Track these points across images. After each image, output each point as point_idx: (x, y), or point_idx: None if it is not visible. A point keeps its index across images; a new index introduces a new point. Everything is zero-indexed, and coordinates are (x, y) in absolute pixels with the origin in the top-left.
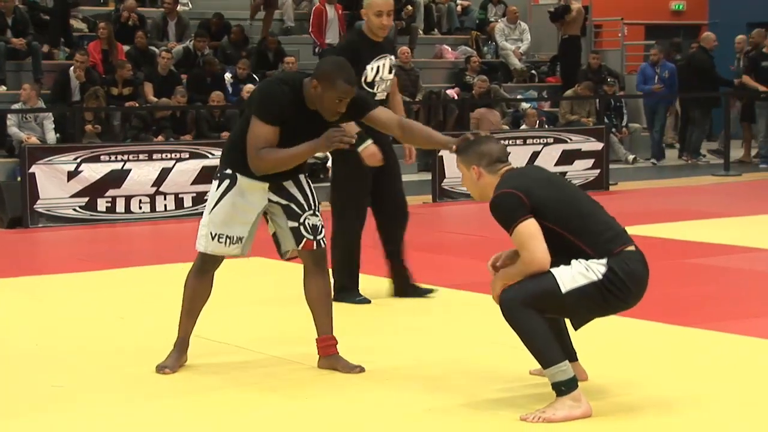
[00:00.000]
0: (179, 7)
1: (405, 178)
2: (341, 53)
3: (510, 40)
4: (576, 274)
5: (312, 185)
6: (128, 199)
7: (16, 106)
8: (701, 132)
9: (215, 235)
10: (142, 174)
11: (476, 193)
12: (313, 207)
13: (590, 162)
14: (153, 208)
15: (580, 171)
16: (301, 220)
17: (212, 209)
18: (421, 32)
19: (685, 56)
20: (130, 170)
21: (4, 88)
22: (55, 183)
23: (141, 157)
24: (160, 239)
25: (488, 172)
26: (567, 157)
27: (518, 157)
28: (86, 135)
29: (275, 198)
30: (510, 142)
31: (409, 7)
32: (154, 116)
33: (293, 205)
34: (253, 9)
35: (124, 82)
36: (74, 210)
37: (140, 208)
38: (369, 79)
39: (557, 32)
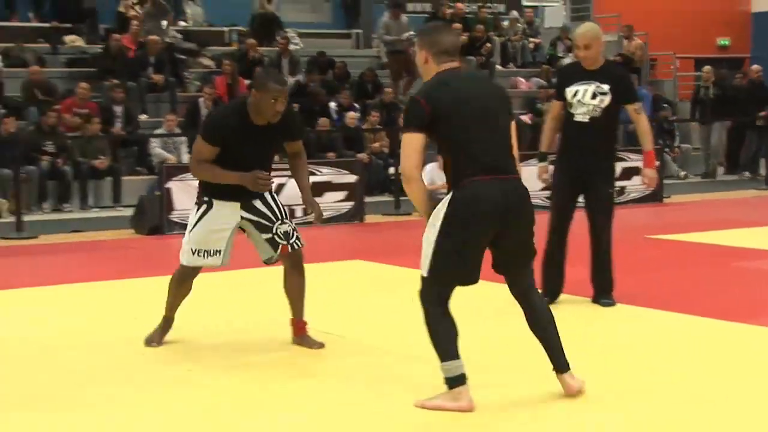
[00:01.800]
0: (291, 46)
1: None
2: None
3: None
4: (428, 234)
5: (277, 198)
6: None
7: (158, 131)
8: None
9: (195, 251)
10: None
11: (422, 74)
12: (281, 217)
13: None
14: None
15: (638, 186)
16: (274, 230)
17: (192, 229)
18: (498, 66)
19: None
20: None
21: (145, 116)
22: (187, 196)
23: None
24: None
25: (433, 61)
26: (626, 173)
27: None
28: None
29: (247, 215)
30: None
31: (488, 45)
32: None
33: (263, 220)
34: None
35: None
36: None
37: None
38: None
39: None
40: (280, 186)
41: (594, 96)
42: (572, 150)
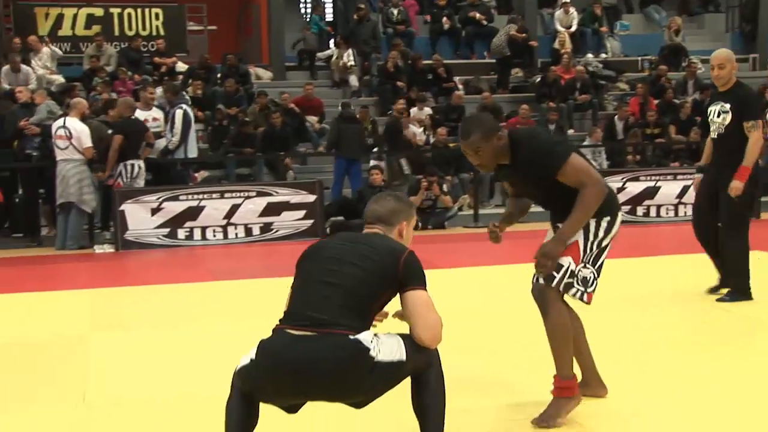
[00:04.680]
0: (697, 72)
1: None
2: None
3: None
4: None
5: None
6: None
7: (585, 143)
8: None
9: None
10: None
11: None
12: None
13: None
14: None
15: None
16: None
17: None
18: None
19: None
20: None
21: (572, 131)
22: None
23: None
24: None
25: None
26: None
27: None
28: (627, 163)
29: None
30: None
31: None
32: (672, 148)
33: None
34: None
35: (654, 125)
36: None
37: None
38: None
39: None
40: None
41: (718, 115)
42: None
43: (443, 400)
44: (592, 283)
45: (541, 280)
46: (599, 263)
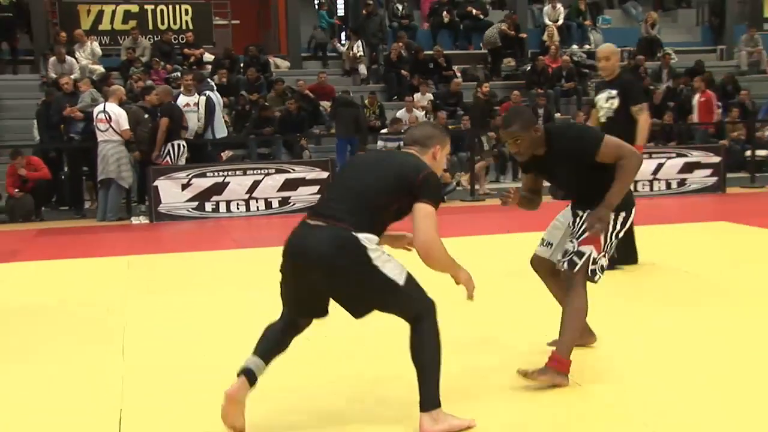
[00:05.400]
0: (671, 61)
1: None
2: None
3: None
4: None
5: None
6: None
7: None
8: None
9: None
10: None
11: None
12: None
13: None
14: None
15: (697, 178)
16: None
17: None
18: None
19: None
20: None
21: (559, 114)
22: None
23: None
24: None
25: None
26: (687, 167)
27: None
28: None
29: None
30: None
31: None
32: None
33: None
34: None
35: None
36: None
37: None
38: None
39: None
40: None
41: (606, 100)
42: None
43: (438, 352)
44: (601, 271)
45: (566, 266)
46: (611, 254)
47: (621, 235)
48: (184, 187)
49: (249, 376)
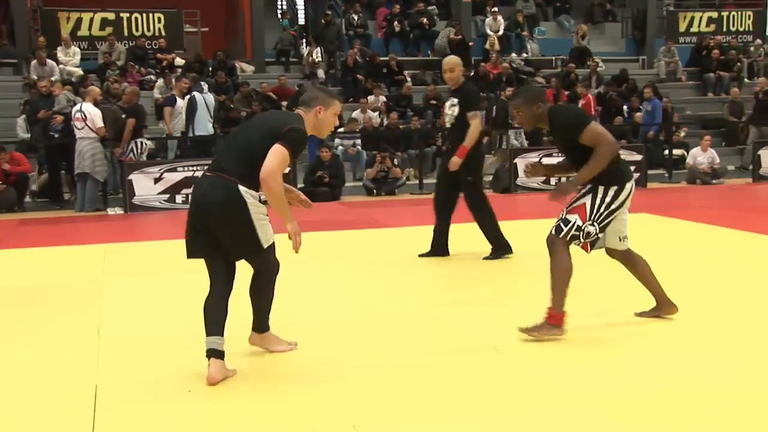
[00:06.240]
0: (598, 69)
1: None
2: None
3: None
4: None
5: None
6: None
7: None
8: None
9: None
10: None
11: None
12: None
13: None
14: None
15: None
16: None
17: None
18: (746, 79)
19: None
20: None
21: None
22: None
23: None
24: None
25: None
26: None
27: None
28: (542, 142)
29: None
30: None
31: (739, 64)
32: None
33: None
34: None
35: None
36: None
37: None
38: None
39: None
40: None
41: (449, 108)
42: None
43: (271, 296)
44: (594, 237)
45: (553, 231)
46: (605, 223)
47: (613, 207)
48: (157, 180)
49: (217, 354)
